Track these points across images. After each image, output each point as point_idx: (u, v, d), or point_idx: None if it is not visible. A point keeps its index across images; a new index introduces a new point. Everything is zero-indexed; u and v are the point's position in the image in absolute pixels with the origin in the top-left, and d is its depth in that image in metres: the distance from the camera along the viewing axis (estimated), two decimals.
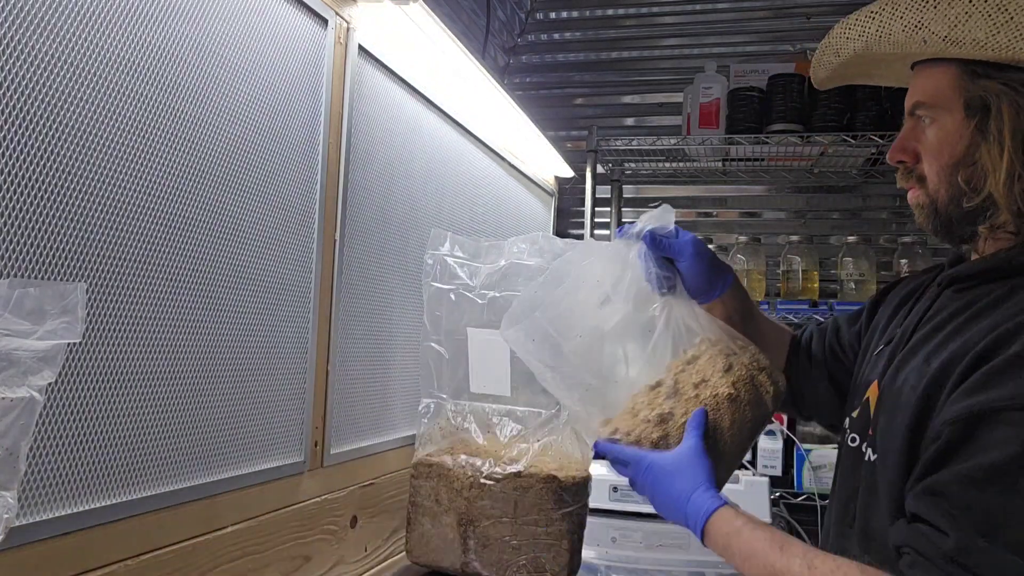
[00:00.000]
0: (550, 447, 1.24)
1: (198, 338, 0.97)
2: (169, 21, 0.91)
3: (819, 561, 0.77)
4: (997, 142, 0.77)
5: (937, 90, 0.83)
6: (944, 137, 0.83)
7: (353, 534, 1.31)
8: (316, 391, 1.20)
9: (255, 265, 1.07)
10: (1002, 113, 0.77)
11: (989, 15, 0.75)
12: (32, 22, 0.74)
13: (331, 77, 1.22)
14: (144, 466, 0.89)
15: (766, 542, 0.82)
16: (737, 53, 2.61)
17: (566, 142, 2.69)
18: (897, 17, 0.81)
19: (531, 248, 1.29)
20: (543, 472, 1.21)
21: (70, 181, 0.79)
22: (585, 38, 2.80)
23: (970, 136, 0.80)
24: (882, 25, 0.82)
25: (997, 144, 0.77)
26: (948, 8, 0.77)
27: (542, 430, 1.25)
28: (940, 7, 0.77)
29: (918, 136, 0.87)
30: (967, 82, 0.80)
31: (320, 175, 1.21)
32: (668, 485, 0.91)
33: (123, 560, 0.85)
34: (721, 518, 0.87)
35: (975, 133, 0.80)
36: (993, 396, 0.71)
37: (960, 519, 0.69)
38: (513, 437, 1.27)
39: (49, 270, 0.77)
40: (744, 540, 0.84)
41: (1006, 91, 0.77)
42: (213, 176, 0.99)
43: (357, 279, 1.33)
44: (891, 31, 0.82)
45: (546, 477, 1.20)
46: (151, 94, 0.89)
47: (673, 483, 0.91)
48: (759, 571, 0.82)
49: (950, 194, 0.83)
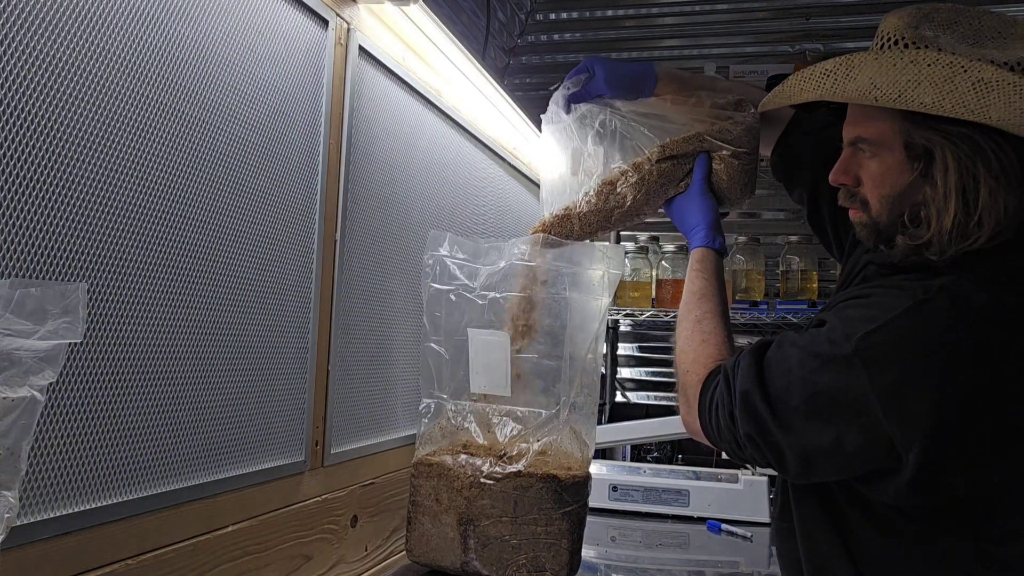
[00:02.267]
0: (550, 447, 1.24)
1: (199, 338, 0.97)
2: (169, 22, 0.91)
3: (708, 323, 1.07)
4: (943, 189, 0.85)
5: (880, 131, 0.90)
6: (886, 171, 0.91)
7: (353, 533, 1.31)
8: (316, 390, 1.21)
9: (255, 265, 1.07)
10: (947, 163, 0.84)
11: (935, 84, 0.82)
12: (32, 22, 0.74)
13: (331, 78, 1.22)
14: (144, 466, 0.89)
15: (695, 291, 1.11)
16: (736, 54, 2.62)
17: None
18: (851, 78, 0.88)
19: (531, 249, 1.29)
20: (543, 471, 1.21)
21: (71, 181, 0.79)
22: (585, 39, 2.80)
23: (911, 175, 0.88)
24: (836, 82, 0.90)
25: (943, 191, 0.85)
26: (899, 74, 0.84)
27: (542, 430, 1.25)
28: (892, 72, 0.84)
29: (859, 163, 0.95)
30: (909, 127, 0.87)
31: (320, 175, 1.21)
32: (680, 219, 1.21)
33: (123, 560, 0.85)
34: (693, 256, 1.15)
35: (919, 177, 0.88)
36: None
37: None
38: (513, 437, 1.27)
39: (50, 270, 0.77)
40: (689, 279, 1.13)
41: (947, 143, 0.84)
42: (214, 177, 0.99)
43: (357, 279, 1.33)
44: (845, 88, 0.89)
45: (546, 476, 1.21)
46: (151, 95, 0.89)
47: (684, 217, 1.21)
48: (681, 307, 1.11)
49: (891, 219, 0.92)
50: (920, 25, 0.88)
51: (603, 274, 1.26)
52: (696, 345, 1.06)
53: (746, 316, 2.36)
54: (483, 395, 1.30)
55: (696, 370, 1.03)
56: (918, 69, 0.83)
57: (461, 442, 1.30)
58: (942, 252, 0.87)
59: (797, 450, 0.90)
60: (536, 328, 1.26)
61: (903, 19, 0.89)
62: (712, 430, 1.00)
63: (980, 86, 0.80)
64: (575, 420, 1.25)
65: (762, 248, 2.40)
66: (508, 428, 1.27)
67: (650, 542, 1.80)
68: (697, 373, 1.03)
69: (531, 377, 1.27)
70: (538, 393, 1.27)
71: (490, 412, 1.29)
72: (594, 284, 1.26)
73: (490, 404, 1.30)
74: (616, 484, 2.01)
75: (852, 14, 2.56)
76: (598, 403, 1.32)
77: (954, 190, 0.84)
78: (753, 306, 2.37)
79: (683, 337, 1.09)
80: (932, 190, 0.86)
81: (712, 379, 1.00)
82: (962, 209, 0.84)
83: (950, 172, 0.84)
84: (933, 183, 0.86)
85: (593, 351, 1.24)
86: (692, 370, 1.04)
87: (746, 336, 2.64)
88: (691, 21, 2.69)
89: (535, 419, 1.26)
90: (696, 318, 1.08)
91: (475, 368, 1.29)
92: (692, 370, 1.04)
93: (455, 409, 1.32)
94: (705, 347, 1.05)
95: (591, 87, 1.22)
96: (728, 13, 2.65)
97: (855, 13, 2.55)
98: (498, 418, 1.29)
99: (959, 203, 0.84)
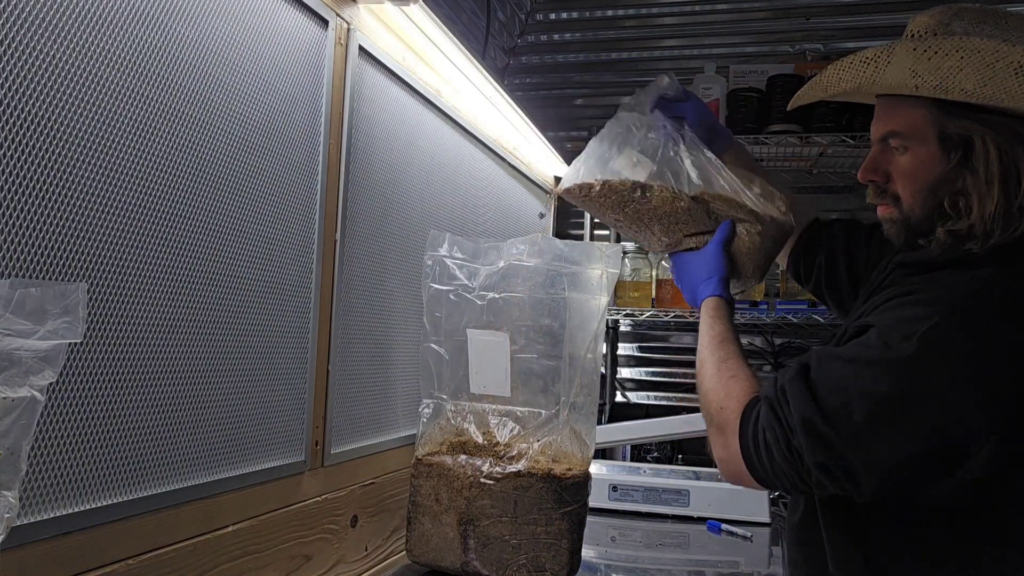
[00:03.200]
0: (549, 447, 1.25)
1: (198, 338, 0.97)
2: (169, 22, 0.91)
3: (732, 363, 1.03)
4: (985, 175, 0.86)
5: (912, 123, 0.91)
6: (919, 164, 0.91)
7: (354, 533, 1.31)
8: (316, 390, 1.20)
9: (256, 265, 1.07)
10: (988, 149, 0.85)
11: (978, 71, 0.83)
12: (32, 22, 0.74)
13: (331, 78, 1.22)
14: (144, 466, 0.89)
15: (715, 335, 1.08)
16: (736, 54, 2.61)
17: (566, 142, 2.69)
18: (893, 64, 0.88)
19: (530, 249, 1.29)
20: (543, 471, 1.21)
21: (71, 181, 0.79)
22: (585, 39, 2.80)
23: (947, 166, 0.89)
24: (878, 70, 0.90)
25: (984, 178, 0.86)
26: (941, 61, 0.85)
27: (542, 430, 1.25)
28: (933, 60, 0.85)
29: (889, 159, 0.95)
30: (943, 118, 0.88)
31: (320, 175, 1.21)
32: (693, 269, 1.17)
33: (123, 560, 0.85)
34: (708, 304, 1.12)
35: (957, 165, 0.88)
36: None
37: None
38: (513, 436, 1.27)
39: (50, 270, 0.77)
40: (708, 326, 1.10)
41: (987, 130, 0.85)
42: (214, 177, 0.99)
43: (357, 279, 1.33)
44: (885, 76, 0.89)
45: (546, 476, 1.21)
46: (151, 95, 0.89)
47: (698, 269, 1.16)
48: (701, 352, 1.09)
49: (925, 213, 0.92)
50: (951, 22, 0.89)
51: (602, 273, 1.26)
52: (725, 381, 1.02)
53: (746, 316, 2.36)
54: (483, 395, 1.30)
55: (731, 405, 0.99)
56: (961, 56, 0.84)
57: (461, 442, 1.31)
58: (986, 240, 0.87)
59: (872, 466, 0.85)
60: None
61: (934, 17, 0.91)
62: (762, 467, 0.93)
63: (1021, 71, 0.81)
64: (575, 420, 1.25)
65: None
66: (508, 428, 1.28)
67: (650, 542, 1.80)
68: (733, 408, 0.98)
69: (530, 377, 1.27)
70: (537, 393, 1.27)
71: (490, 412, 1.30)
72: (592, 284, 1.26)
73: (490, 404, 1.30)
74: (616, 484, 2.01)
75: (852, 14, 2.56)
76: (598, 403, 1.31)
77: (997, 176, 0.85)
78: (753, 306, 2.37)
79: (709, 377, 1.05)
80: (973, 178, 0.87)
81: (751, 411, 0.96)
82: (1003, 196, 0.85)
83: (991, 159, 0.85)
84: (974, 171, 0.86)
85: (592, 351, 1.24)
86: (727, 405, 0.99)
87: (746, 336, 2.63)
88: (691, 21, 2.69)
89: (535, 419, 1.27)
90: (720, 359, 1.05)
91: (475, 368, 1.29)
92: (727, 405, 0.99)
93: (455, 409, 1.33)
94: (736, 382, 1.01)
95: (680, 107, 1.22)
96: (728, 13, 2.65)
97: (855, 13, 2.55)
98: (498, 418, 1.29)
99: (1001, 189, 0.85)
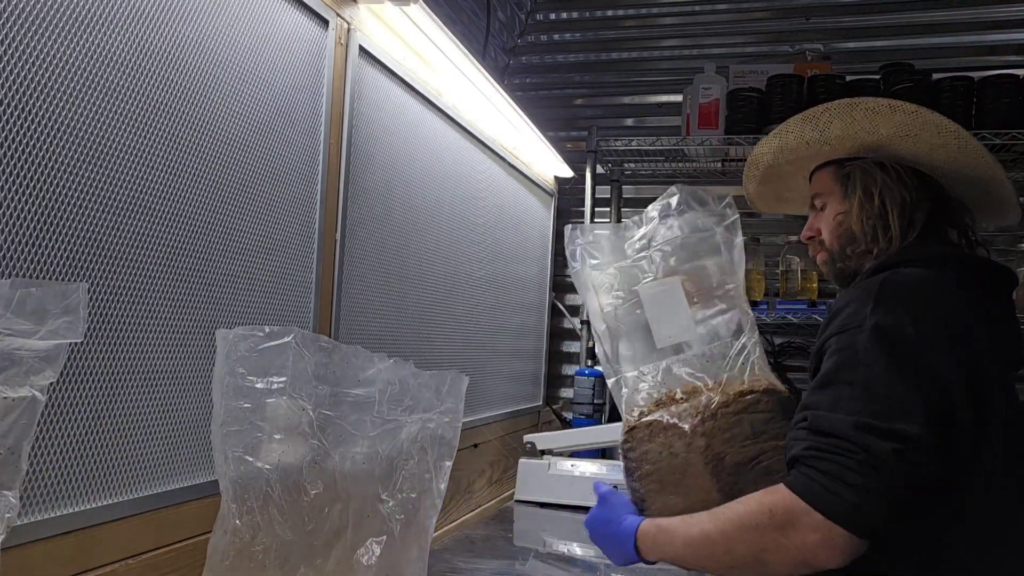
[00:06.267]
0: (751, 368, 1.20)
1: (199, 338, 0.97)
2: (169, 22, 0.91)
3: (723, 510, 1.01)
4: (854, 195, 1.15)
5: (825, 183, 1.21)
6: (833, 212, 1.19)
7: None
8: None
9: (256, 264, 1.07)
10: (855, 178, 1.15)
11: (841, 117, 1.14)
12: (32, 22, 0.74)
13: (332, 78, 1.22)
14: (144, 466, 0.89)
15: (690, 536, 1.02)
16: (736, 54, 2.61)
17: (566, 142, 2.69)
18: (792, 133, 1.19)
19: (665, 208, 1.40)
20: (762, 387, 1.17)
21: (71, 181, 0.79)
22: (585, 39, 2.80)
23: (846, 205, 1.17)
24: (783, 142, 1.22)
25: (853, 196, 1.15)
26: (819, 117, 1.15)
27: (738, 358, 1.21)
28: (816, 124, 1.16)
29: (817, 218, 1.22)
30: (840, 171, 1.18)
31: (321, 175, 1.21)
32: (603, 531, 1.15)
33: (123, 559, 0.85)
34: (646, 533, 1.08)
35: (847, 200, 1.17)
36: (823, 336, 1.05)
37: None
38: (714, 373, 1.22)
39: (50, 270, 0.77)
40: (679, 542, 1.04)
41: (856, 167, 1.16)
42: (214, 176, 0.99)
43: (357, 278, 1.33)
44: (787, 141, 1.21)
45: (767, 390, 1.16)
46: (152, 95, 0.89)
47: (606, 529, 1.15)
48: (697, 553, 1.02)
49: (840, 244, 1.18)
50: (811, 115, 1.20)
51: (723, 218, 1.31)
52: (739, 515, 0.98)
53: None
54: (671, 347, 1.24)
55: (767, 504, 0.95)
56: (829, 113, 1.14)
57: (664, 398, 1.25)
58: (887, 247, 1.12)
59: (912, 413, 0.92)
60: None
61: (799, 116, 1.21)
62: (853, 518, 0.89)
63: (869, 112, 1.11)
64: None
65: (762, 248, 2.40)
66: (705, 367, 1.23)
67: None
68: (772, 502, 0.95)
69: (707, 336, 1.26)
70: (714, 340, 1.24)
71: (678, 363, 1.25)
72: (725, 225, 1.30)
73: (676, 357, 1.25)
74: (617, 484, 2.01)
75: (852, 14, 2.56)
76: None
77: (860, 192, 1.14)
78: (753, 306, 2.37)
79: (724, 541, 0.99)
80: (848, 200, 1.16)
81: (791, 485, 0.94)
82: (868, 206, 1.13)
83: (857, 182, 1.15)
84: (849, 195, 1.16)
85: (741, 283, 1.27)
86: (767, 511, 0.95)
87: None
88: (691, 21, 2.69)
89: (723, 354, 1.22)
90: (716, 526, 1.00)
91: (655, 321, 1.25)
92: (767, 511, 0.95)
93: (640, 374, 1.28)
94: (747, 500, 0.98)
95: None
96: (728, 13, 2.65)
97: (855, 13, 2.55)
98: (688, 369, 1.24)
99: (864, 201, 1.13)
